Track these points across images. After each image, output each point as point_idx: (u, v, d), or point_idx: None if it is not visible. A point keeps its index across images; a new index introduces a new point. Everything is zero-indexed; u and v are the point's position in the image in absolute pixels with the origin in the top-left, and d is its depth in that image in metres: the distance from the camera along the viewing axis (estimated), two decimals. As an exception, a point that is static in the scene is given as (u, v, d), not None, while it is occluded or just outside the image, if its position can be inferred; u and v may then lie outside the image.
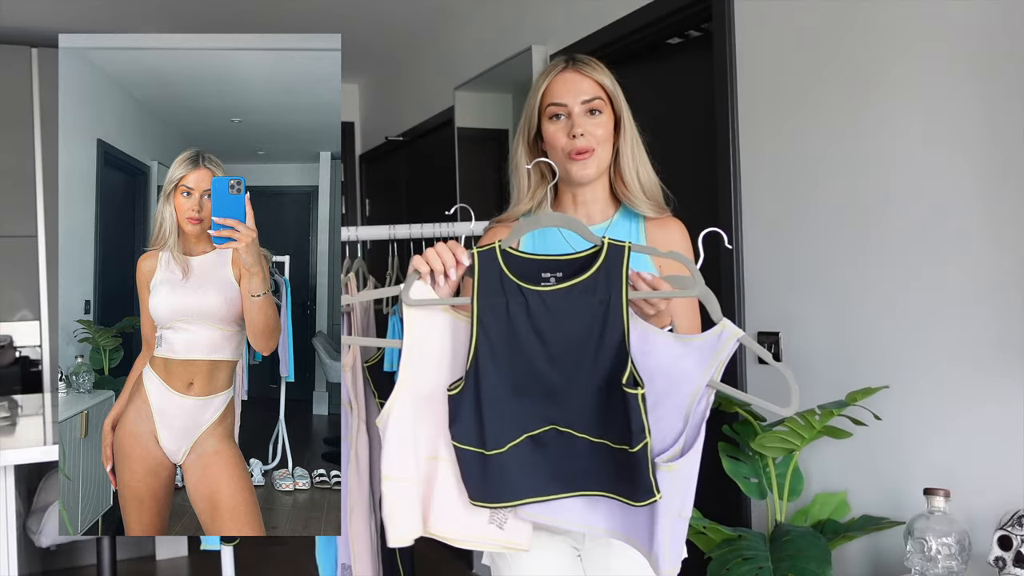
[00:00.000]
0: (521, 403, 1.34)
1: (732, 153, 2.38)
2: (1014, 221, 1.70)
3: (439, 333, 1.39)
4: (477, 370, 1.33)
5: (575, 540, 1.53)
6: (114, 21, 4.09)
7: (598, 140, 1.52)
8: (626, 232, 1.57)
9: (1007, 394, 1.72)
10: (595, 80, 1.53)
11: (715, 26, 2.44)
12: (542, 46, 3.27)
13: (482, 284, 1.34)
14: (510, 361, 1.33)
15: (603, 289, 1.32)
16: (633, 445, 1.29)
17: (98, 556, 3.04)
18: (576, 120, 1.51)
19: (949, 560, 1.62)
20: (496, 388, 1.33)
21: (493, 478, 1.35)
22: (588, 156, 1.52)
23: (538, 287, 1.34)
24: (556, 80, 1.54)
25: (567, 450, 1.35)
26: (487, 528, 1.41)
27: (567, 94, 1.52)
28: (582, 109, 1.52)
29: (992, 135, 1.74)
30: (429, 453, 1.40)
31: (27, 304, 4.24)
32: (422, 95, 4.51)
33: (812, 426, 1.90)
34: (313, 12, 4.04)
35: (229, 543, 2.18)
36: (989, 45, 1.74)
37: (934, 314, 1.87)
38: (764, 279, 2.31)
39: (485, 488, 1.36)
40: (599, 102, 1.53)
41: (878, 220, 1.99)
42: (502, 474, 1.34)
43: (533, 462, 1.36)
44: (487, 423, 1.32)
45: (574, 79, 1.53)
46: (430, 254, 1.36)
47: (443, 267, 1.35)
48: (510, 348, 1.33)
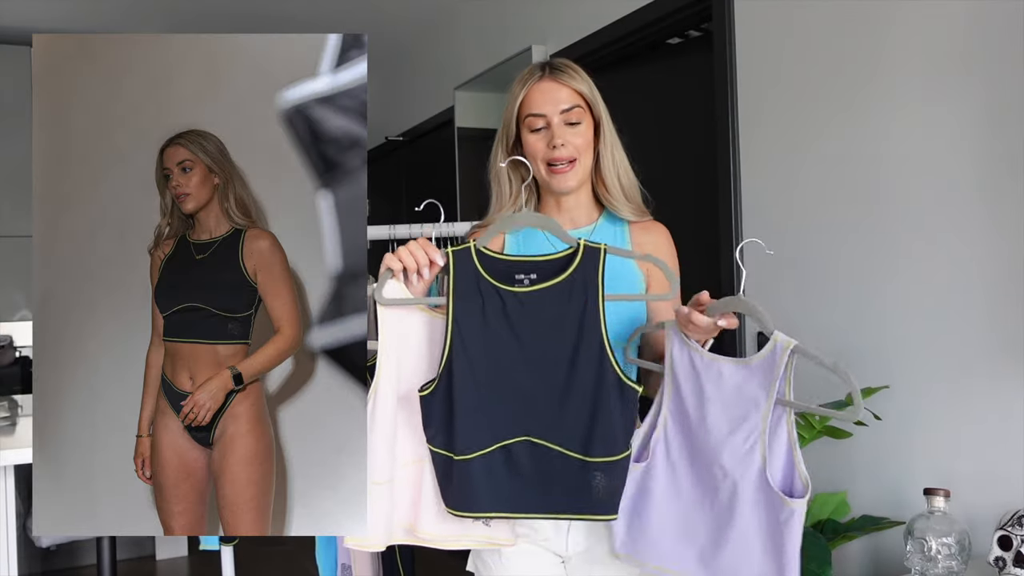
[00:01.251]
0: (496, 410, 1.33)
1: (732, 153, 2.38)
2: (1014, 221, 1.70)
3: (416, 332, 1.37)
4: (451, 371, 1.31)
5: (558, 548, 1.51)
6: (114, 21, 4.10)
7: (578, 149, 1.50)
8: (611, 236, 1.55)
9: (1007, 394, 1.72)
10: (573, 88, 1.50)
11: (715, 26, 2.44)
12: (542, 46, 3.27)
13: (458, 284, 1.33)
14: (485, 363, 1.32)
15: (579, 291, 1.32)
16: (617, 452, 1.29)
17: (98, 556, 3.03)
18: (555, 131, 1.49)
19: (949, 560, 1.62)
20: (470, 390, 1.31)
21: (460, 484, 1.33)
22: (569, 168, 1.50)
23: (514, 288, 1.33)
24: (533, 90, 1.52)
25: (542, 466, 1.33)
26: (473, 526, 1.40)
27: (545, 104, 1.50)
28: (561, 119, 1.49)
29: (992, 135, 1.74)
30: (414, 457, 1.38)
31: (27, 304, 4.24)
32: (422, 95, 4.51)
33: (812, 426, 1.90)
34: (313, 12, 4.04)
35: (229, 543, 2.18)
36: (989, 45, 1.74)
37: (934, 314, 1.86)
38: (764, 279, 2.31)
39: (451, 493, 1.35)
40: (578, 111, 1.50)
41: (878, 220, 1.98)
42: (469, 481, 1.33)
43: (504, 475, 1.34)
44: (458, 426, 1.31)
45: (552, 88, 1.51)
46: (403, 252, 1.36)
47: (416, 265, 1.35)
48: (485, 349, 1.32)
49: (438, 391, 1.32)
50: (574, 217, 1.58)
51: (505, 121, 1.57)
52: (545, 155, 1.50)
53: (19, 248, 4.23)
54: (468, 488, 1.33)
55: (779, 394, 1.27)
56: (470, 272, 1.33)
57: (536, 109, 1.51)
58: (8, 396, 3.77)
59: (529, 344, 1.32)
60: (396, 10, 4.03)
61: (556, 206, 1.58)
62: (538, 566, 1.50)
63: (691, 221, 2.64)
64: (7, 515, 2.45)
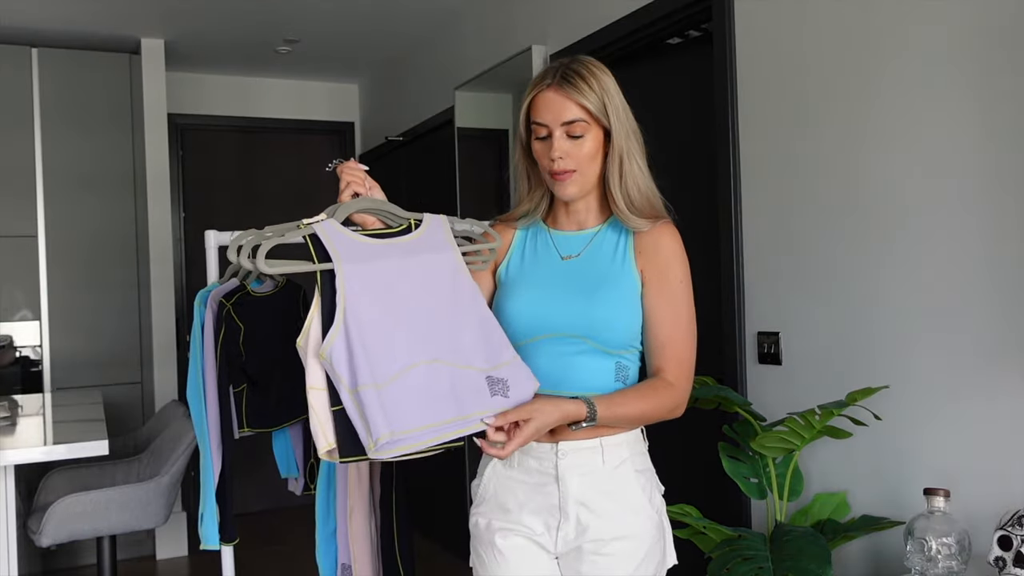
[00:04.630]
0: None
1: (732, 153, 2.38)
2: (1014, 221, 1.71)
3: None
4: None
5: (550, 544, 1.52)
6: (115, 22, 4.10)
7: (578, 162, 1.51)
8: (613, 240, 1.56)
9: (1007, 394, 1.72)
10: (577, 102, 1.49)
11: (715, 26, 2.44)
12: (542, 46, 3.27)
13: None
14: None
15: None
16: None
17: (98, 556, 3.04)
18: (556, 143, 1.50)
19: (949, 560, 1.62)
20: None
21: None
22: (568, 177, 1.52)
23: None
24: (539, 98, 1.52)
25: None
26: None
27: (547, 114, 1.50)
28: (562, 132, 1.50)
29: (992, 135, 1.74)
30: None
31: (27, 304, 4.24)
32: (422, 95, 4.51)
33: (812, 426, 1.90)
34: (313, 12, 4.04)
35: (229, 543, 2.18)
36: (989, 45, 1.74)
37: (934, 314, 1.87)
38: (764, 279, 2.31)
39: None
40: (581, 125, 1.49)
41: (878, 220, 1.99)
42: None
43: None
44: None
45: (556, 100, 1.49)
46: (354, 177, 1.57)
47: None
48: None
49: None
50: (580, 220, 1.60)
51: (519, 122, 1.59)
52: (547, 164, 1.53)
53: (19, 248, 4.23)
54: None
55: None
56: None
57: (539, 118, 1.52)
58: (8, 396, 3.78)
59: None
60: (396, 10, 4.03)
61: (564, 207, 1.62)
62: (534, 563, 1.52)
63: (691, 221, 2.63)
64: (7, 515, 2.45)
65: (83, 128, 4.33)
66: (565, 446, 1.49)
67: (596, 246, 1.57)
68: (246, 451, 2.72)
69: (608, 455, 1.50)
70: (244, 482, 4.46)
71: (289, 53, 4.69)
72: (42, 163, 4.26)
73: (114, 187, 4.39)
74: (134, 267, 4.42)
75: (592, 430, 1.47)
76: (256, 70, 5.04)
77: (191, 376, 2.14)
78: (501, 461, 1.56)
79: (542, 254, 1.60)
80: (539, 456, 1.51)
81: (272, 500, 4.90)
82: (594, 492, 1.49)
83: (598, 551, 1.48)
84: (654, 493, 1.55)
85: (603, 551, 1.48)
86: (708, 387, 2.08)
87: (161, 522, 3.04)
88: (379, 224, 1.56)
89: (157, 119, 4.41)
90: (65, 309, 4.28)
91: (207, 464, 2.12)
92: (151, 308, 4.38)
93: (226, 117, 5.12)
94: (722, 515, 2.24)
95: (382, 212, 1.56)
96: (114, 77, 4.41)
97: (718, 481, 2.25)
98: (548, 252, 1.60)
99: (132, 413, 4.38)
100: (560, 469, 1.49)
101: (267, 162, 5.30)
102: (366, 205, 1.54)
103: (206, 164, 5.13)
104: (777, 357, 2.24)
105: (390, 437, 1.32)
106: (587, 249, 1.57)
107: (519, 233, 1.64)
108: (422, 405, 1.37)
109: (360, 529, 2.15)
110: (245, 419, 2.24)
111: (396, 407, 1.35)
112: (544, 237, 1.61)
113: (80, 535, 2.89)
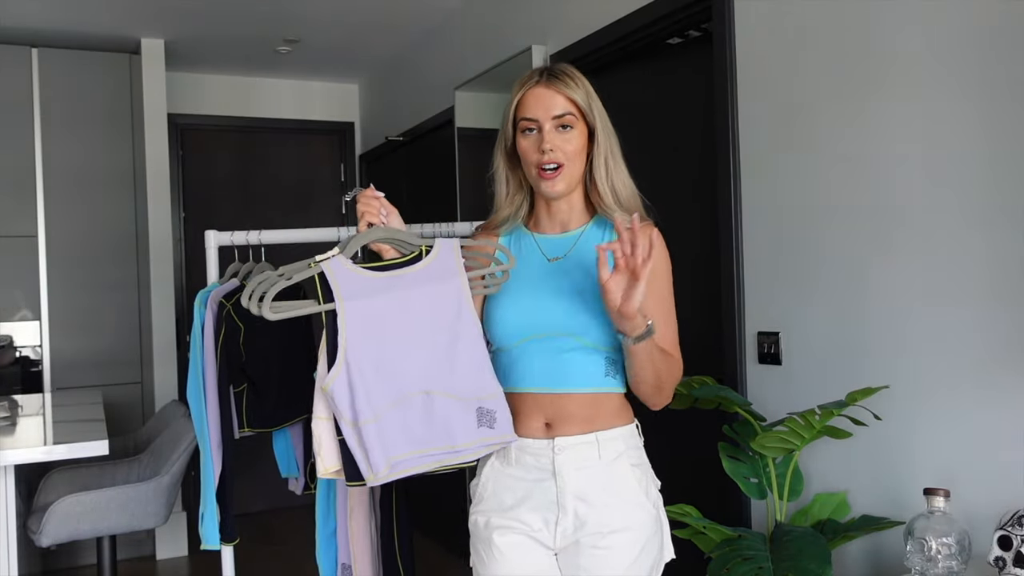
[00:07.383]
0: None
1: (732, 153, 2.38)
2: (1014, 221, 1.71)
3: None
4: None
5: (546, 541, 1.54)
6: (115, 22, 4.10)
7: (567, 155, 1.55)
8: (598, 239, 1.59)
9: (1007, 394, 1.72)
10: (567, 96, 1.55)
11: (715, 26, 2.44)
12: (542, 46, 3.27)
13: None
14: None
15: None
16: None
17: (98, 556, 3.04)
18: (546, 136, 1.54)
19: (949, 560, 1.62)
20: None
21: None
22: (557, 173, 1.55)
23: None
24: (528, 95, 1.57)
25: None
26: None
27: (538, 109, 1.55)
28: (552, 125, 1.54)
29: (992, 134, 1.74)
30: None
31: (27, 304, 4.24)
32: (422, 95, 4.51)
33: (812, 426, 1.90)
34: (313, 12, 4.04)
35: (229, 543, 2.18)
36: (989, 45, 1.74)
37: (934, 314, 1.87)
38: (764, 279, 2.31)
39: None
40: (570, 118, 1.55)
41: (878, 220, 1.99)
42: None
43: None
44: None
45: (546, 95, 1.55)
46: (369, 207, 1.62)
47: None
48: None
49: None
50: (563, 220, 1.63)
51: (503, 123, 1.63)
52: (535, 159, 1.55)
53: (19, 248, 4.23)
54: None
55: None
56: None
57: (529, 113, 1.56)
58: (8, 396, 3.78)
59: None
60: (396, 10, 4.03)
61: (547, 209, 1.65)
62: (532, 560, 1.53)
63: (691, 221, 2.64)
64: (7, 515, 2.45)
65: (83, 128, 4.33)
66: (562, 442, 1.53)
67: (582, 246, 1.60)
68: (246, 451, 2.72)
69: (604, 449, 1.53)
70: (244, 482, 4.46)
71: (289, 53, 4.69)
72: (42, 163, 4.25)
73: (114, 187, 4.39)
74: (134, 267, 4.42)
75: (587, 424, 1.52)
76: (256, 70, 5.04)
77: (191, 376, 2.14)
78: (499, 459, 1.58)
79: (528, 257, 1.63)
80: (536, 452, 1.54)
81: (272, 500, 4.90)
82: (591, 486, 1.51)
83: (596, 544, 1.50)
84: (650, 487, 1.57)
85: (601, 544, 1.50)
86: (708, 387, 2.08)
87: (161, 522, 3.04)
88: (394, 252, 1.62)
89: (157, 119, 4.41)
90: (65, 309, 4.28)
91: (207, 464, 2.12)
92: (151, 308, 4.38)
93: (226, 117, 5.12)
94: (722, 515, 2.24)
95: (395, 241, 1.61)
96: (114, 77, 4.41)
97: (718, 481, 2.25)
98: (534, 255, 1.62)
99: (132, 413, 4.38)
100: (557, 464, 1.52)
101: (267, 162, 5.29)
102: (377, 236, 1.60)
103: (206, 164, 5.13)
104: (777, 357, 2.24)
105: (388, 471, 1.44)
106: (573, 250, 1.60)
107: (502, 240, 1.66)
108: (415, 434, 1.47)
109: (360, 529, 2.15)
110: (245, 419, 2.24)
111: (391, 436, 1.45)
112: (528, 241, 1.64)
113: (80, 535, 2.89)
